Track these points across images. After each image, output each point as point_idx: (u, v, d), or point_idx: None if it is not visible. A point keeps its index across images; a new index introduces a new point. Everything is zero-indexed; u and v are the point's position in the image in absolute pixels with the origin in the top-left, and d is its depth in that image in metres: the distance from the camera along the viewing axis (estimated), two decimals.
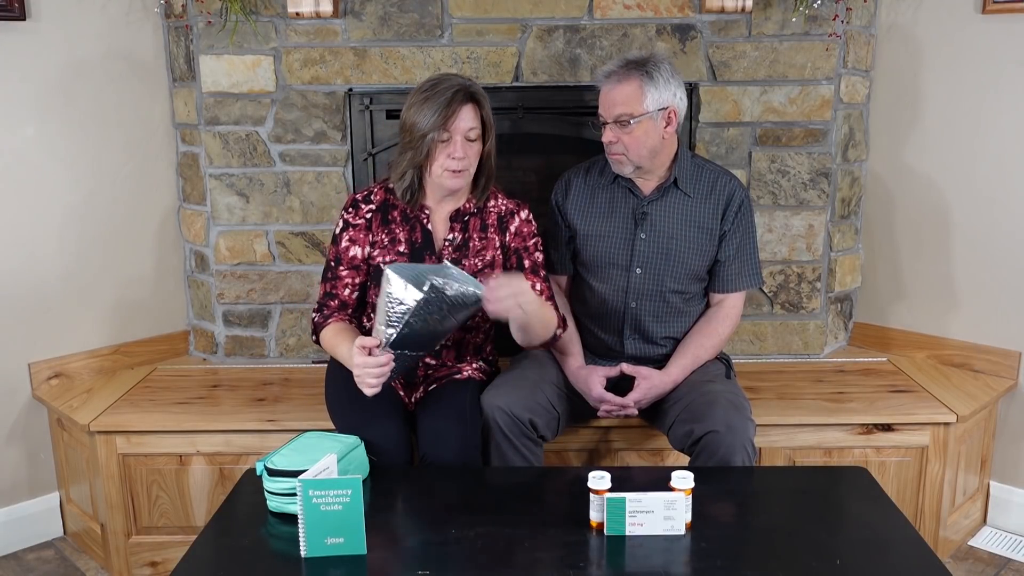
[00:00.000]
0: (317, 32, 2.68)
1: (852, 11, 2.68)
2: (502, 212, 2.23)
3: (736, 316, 2.34)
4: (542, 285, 2.20)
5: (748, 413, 2.08)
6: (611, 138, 2.18)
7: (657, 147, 2.20)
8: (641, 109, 2.14)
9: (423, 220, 2.19)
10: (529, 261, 2.22)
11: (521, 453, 2.11)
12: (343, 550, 1.61)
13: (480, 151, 2.13)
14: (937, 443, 2.42)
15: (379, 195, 2.22)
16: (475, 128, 2.09)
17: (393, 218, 2.20)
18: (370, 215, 2.20)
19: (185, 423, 2.43)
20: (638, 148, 2.17)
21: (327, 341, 2.16)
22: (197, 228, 2.88)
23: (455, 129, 2.06)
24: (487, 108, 2.13)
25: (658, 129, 2.18)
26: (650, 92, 2.14)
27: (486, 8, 2.65)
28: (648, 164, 2.22)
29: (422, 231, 2.19)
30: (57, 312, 2.72)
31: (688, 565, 1.60)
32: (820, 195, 2.77)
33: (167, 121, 2.88)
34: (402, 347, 1.94)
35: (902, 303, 2.90)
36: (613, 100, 2.17)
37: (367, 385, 1.95)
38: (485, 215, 2.22)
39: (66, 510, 2.75)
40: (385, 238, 2.19)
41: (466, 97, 2.08)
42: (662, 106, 2.16)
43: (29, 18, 2.55)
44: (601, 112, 2.20)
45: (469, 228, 2.21)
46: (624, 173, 2.24)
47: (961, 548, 2.64)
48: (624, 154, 2.19)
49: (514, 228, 2.23)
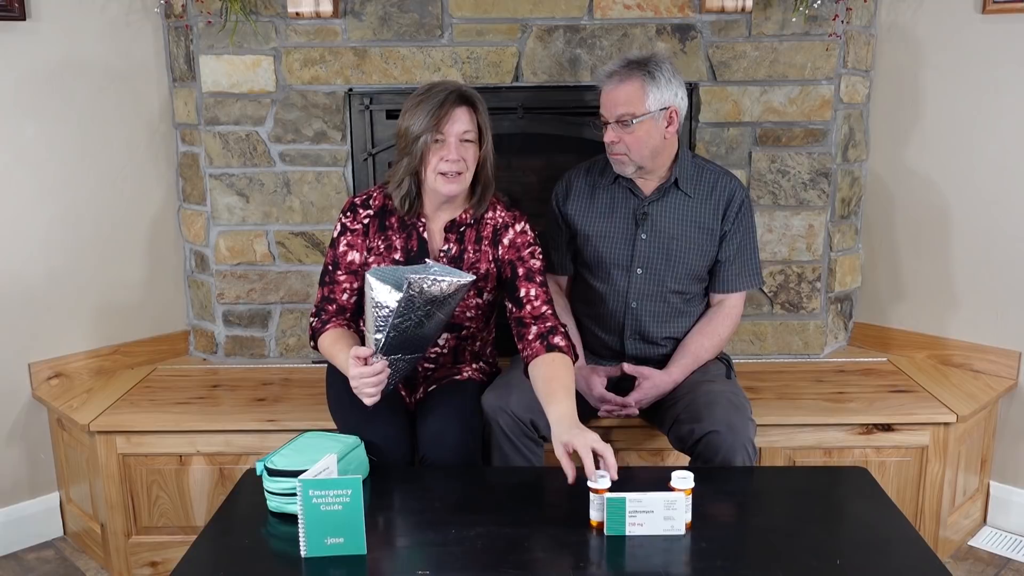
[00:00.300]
0: (317, 32, 2.68)
1: (852, 11, 2.67)
2: (498, 224, 2.19)
3: (736, 316, 2.34)
4: (538, 291, 2.15)
5: (748, 413, 2.08)
6: (613, 138, 2.18)
7: (659, 147, 2.19)
8: (643, 109, 2.14)
9: (419, 229, 2.17)
10: (523, 268, 2.16)
11: (522, 453, 2.11)
12: (343, 550, 1.61)
13: (476, 155, 2.10)
14: (937, 443, 2.42)
15: (378, 200, 2.20)
16: (470, 131, 2.07)
17: (390, 224, 2.18)
18: (368, 220, 2.19)
19: (185, 423, 2.43)
20: (640, 148, 2.17)
21: (325, 348, 2.13)
22: (197, 228, 2.88)
23: (448, 131, 2.04)
24: (483, 112, 2.10)
25: (660, 129, 2.17)
26: (652, 92, 2.14)
27: (486, 8, 2.65)
28: (650, 164, 2.21)
29: (418, 240, 2.17)
30: (57, 312, 2.72)
31: (688, 565, 1.60)
32: (820, 195, 2.77)
33: (167, 121, 2.88)
34: (396, 351, 1.93)
35: (902, 303, 2.90)
36: (615, 100, 2.16)
37: (366, 395, 1.94)
38: (481, 227, 2.19)
39: (66, 510, 2.75)
40: (381, 245, 2.17)
41: (460, 99, 2.06)
42: (664, 106, 2.16)
43: (29, 18, 2.55)
44: (603, 112, 2.20)
45: (464, 240, 2.18)
46: (626, 173, 2.24)
47: (961, 548, 2.64)
48: (626, 154, 2.18)
49: (507, 240, 2.18)
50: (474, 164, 2.10)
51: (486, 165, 2.13)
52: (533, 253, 2.18)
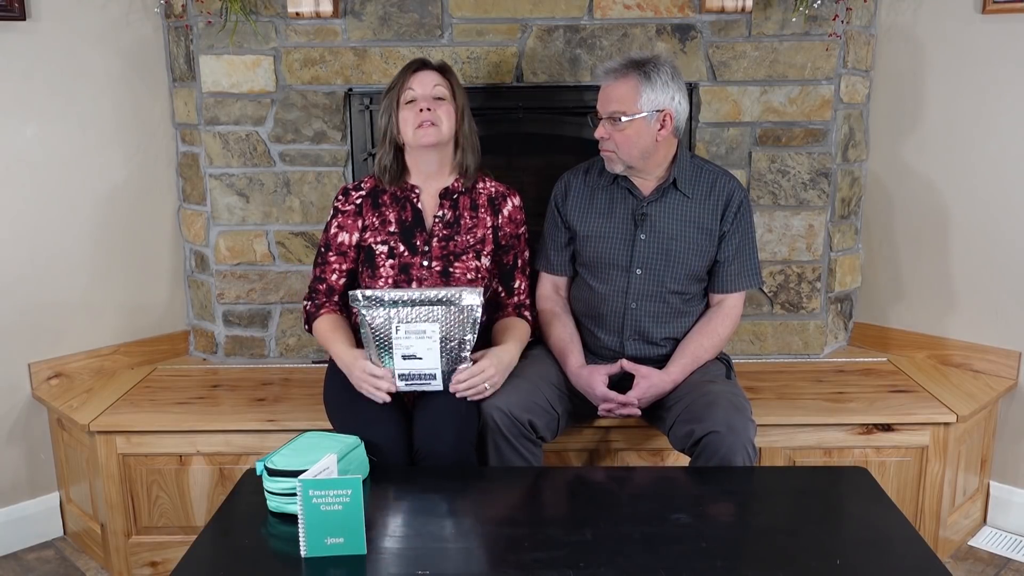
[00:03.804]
0: (317, 32, 2.68)
1: (852, 11, 2.67)
2: (492, 194, 2.30)
3: (736, 316, 2.34)
4: (524, 283, 2.32)
5: (749, 413, 2.08)
6: (602, 134, 2.19)
7: (649, 149, 2.19)
8: (634, 109, 2.14)
9: (413, 200, 2.26)
10: (521, 260, 2.33)
11: (520, 454, 2.11)
12: (343, 550, 1.61)
13: (452, 112, 2.19)
14: (937, 443, 2.42)
15: (369, 183, 2.31)
16: (440, 86, 2.19)
17: (383, 201, 2.27)
18: (360, 201, 2.29)
19: (185, 423, 2.43)
20: (628, 148, 2.18)
21: (320, 333, 2.24)
22: (197, 228, 2.88)
23: (417, 89, 2.17)
24: (453, 76, 2.24)
25: (651, 131, 2.17)
26: (645, 93, 2.14)
27: (486, 8, 2.65)
28: (639, 164, 2.22)
29: (412, 209, 2.25)
30: (57, 312, 2.72)
31: (688, 565, 1.60)
32: (820, 195, 2.77)
33: (167, 121, 2.88)
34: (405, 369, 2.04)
35: (902, 303, 2.90)
36: (608, 97, 2.18)
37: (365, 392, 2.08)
38: (475, 195, 2.29)
39: (66, 510, 2.75)
40: (376, 220, 2.26)
41: (427, 64, 2.21)
42: (657, 108, 2.15)
43: (29, 18, 2.55)
44: (598, 107, 2.21)
45: (459, 206, 2.26)
46: (615, 171, 2.24)
47: (961, 548, 2.64)
48: (614, 152, 2.19)
49: (507, 212, 2.30)
50: (449, 118, 2.20)
51: (463, 125, 2.23)
52: (524, 237, 2.34)
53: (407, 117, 2.18)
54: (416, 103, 2.17)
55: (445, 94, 2.19)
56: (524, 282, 2.34)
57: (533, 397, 2.14)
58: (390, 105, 2.22)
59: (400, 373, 2.03)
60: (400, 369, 2.02)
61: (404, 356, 2.01)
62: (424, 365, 2.02)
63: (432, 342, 1.99)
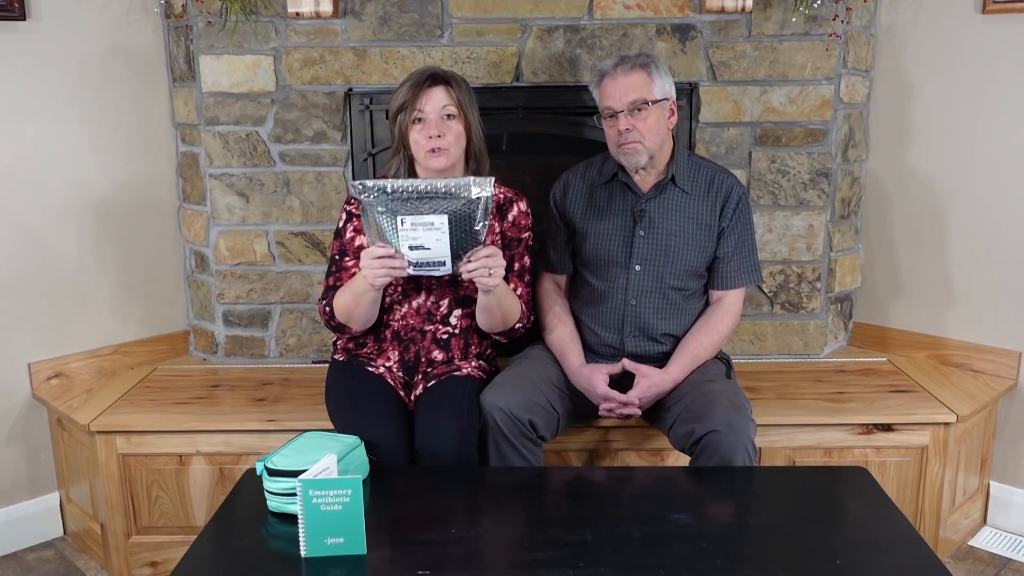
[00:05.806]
0: (317, 32, 2.68)
1: (852, 11, 2.67)
2: (501, 200, 2.27)
3: (736, 314, 2.34)
4: (523, 289, 2.25)
5: (749, 413, 2.08)
6: (627, 125, 2.18)
7: (664, 138, 2.24)
8: (652, 95, 2.18)
9: None
10: (519, 264, 2.26)
11: (520, 453, 2.11)
12: (343, 550, 1.61)
13: (461, 131, 2.16)
14: (937, 443, 2.42)
15: None
16: (448, 105, 2.14)
17: None
18: None
19: (185, 423, 2.43)
20: (653, 135, 2.20)
21: (341, 304, 2.15)
22: (197, 228, 2.88)
23: (427, 109, 2.12)
24: (462, 89, 2.18)
25: (665, 119, 2.22)
26: (657, 80, 2.20)
27: (486, 8, 2.65)
28: (659, 154, 2.24)
29: None
30: (57, 312, 2.72)
31: (688, 565, 1.60)
32: (820, 195, 2.77)
33: (167, 121, 2.88)
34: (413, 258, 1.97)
35: (902, 303, 2.90)
36: (626, 88, 2.18)
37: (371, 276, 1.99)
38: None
39: (66, 510, 2.75)
40: None
41: (436, 79, 2.16)
42: (666, 96, 2.21)
43: (29, 18, 2.55)
44: (610, 103, 2.20)
45: None
46: (640, 163, 2.23)
47: (961, 548, 2.64)
48: (640, 141, 2.19)
49: (512, 217, 2.27)
50: (459, 139, 2.16)
51: (473, 137, 2.20)
52: (528, 243, 2.28)
53: (417, 139, 2.14)
54: (426, 126, 2.13)
55: (455, 112, 2.15)
56: (522, 287, 2.26)
57: (533, 397, 2.14)
58: (401, 120, 2.16)
59: (409, 260, 1.98)
60: (408, 257, 1.97)
61: (411, 247, 1.96)
62: (432, 255, 1.96)
63: (441, 232, 1.94)
